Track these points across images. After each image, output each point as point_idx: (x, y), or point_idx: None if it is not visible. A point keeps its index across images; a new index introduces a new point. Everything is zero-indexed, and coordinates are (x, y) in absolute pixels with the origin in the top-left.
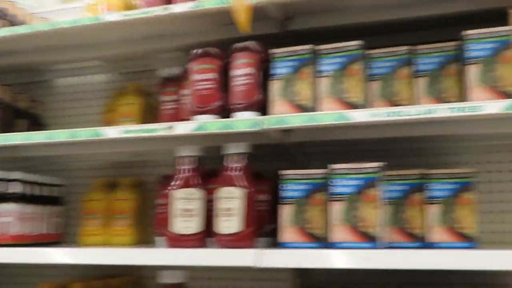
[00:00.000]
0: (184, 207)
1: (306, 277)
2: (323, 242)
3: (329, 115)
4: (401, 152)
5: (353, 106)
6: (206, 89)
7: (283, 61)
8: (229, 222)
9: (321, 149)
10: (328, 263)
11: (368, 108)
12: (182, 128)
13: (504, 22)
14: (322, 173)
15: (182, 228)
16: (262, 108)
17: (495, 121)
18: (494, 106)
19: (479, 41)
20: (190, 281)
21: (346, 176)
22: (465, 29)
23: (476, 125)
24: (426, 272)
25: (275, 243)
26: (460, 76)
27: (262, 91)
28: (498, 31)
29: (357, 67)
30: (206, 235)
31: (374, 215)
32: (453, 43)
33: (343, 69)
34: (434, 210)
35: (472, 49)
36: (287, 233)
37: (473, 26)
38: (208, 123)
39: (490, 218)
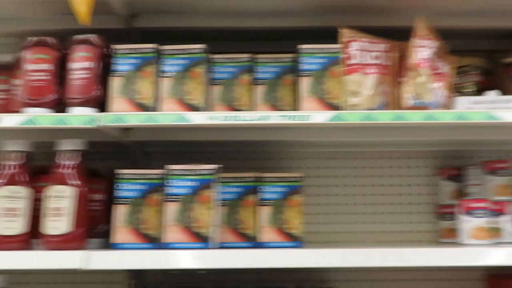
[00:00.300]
0: (7, 206)
1: (141, 278)
2: (156, 242)
3: (169, 115)
4: (237, 155)
5: (193, 108)
6: (40, 80)
7: (125, 58)
8: (58, 223)
9: (161, 149)
10: (160, 264)
11: (208, 111)
12: (8, 120)
13: (336, 40)
14: (159, 174)
15: (4, 229)
16: (100, 104)
17: (323, 130)
18: (320, 116)
19: (311, 55)
20: (15, 286)
21: (182, 177)
22: (303, 43)
23: (306, 133)
24: (259, 271)
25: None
26: (295, 86)
27: (101, 87)
28: (328, 48)
29: (199, 70)
30: (32, 237)
31: (208, 216)
32: (290, 55)
33: (185, 71)
34: (265, 212)
35: (305, 62)
36: (120, 233)
37: (312, 41)
38: (39, 117)
39: (317, 219)
